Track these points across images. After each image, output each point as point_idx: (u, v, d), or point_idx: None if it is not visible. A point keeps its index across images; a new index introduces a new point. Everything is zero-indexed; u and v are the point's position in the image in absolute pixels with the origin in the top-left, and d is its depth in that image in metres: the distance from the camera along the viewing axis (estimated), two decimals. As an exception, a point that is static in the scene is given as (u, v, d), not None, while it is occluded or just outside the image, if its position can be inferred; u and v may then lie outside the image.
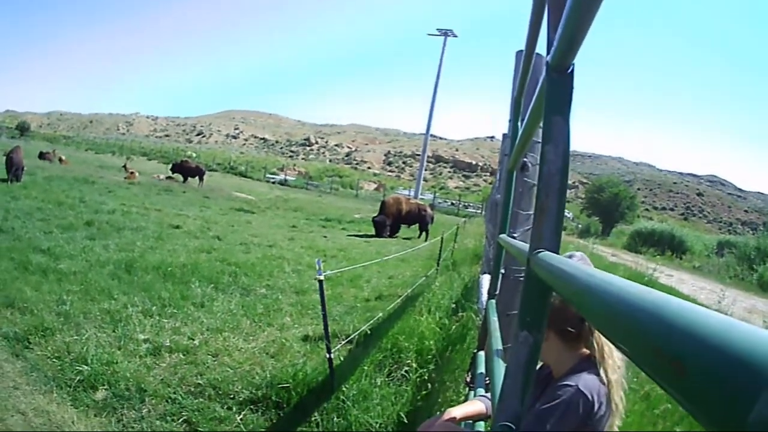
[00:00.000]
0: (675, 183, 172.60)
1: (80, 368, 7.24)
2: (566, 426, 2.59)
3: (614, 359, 2.80)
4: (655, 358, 0.53)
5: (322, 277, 7.24)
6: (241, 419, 6.65)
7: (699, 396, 0.45)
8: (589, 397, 2.64)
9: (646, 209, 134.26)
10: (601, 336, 2.77)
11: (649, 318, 0.58)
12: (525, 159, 4.64)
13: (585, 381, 2.69)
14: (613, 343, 0.71)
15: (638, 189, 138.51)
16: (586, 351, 2.87)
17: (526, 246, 1.83)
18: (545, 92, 1.58)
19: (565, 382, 2.71)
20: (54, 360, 7.54)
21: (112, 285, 10.80)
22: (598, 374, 2.76)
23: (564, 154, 1.53)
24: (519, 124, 3.91)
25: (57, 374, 7.19)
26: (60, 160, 45.24)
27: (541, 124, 1.63)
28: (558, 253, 1.50)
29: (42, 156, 44.44)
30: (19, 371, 7.20)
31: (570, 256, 4.46)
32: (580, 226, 65.21)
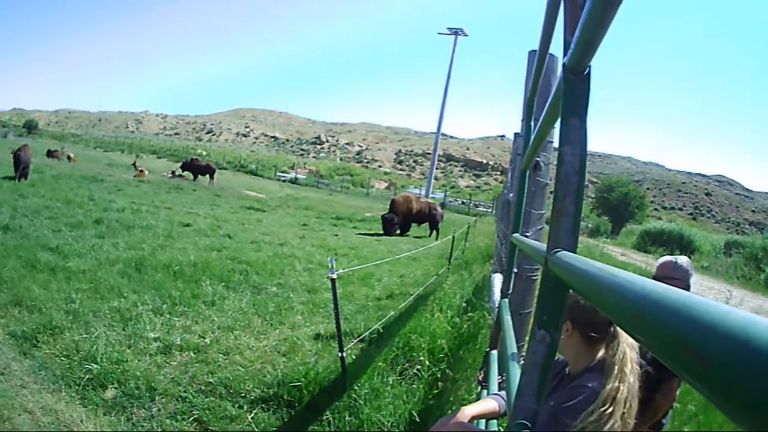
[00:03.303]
0: (684, 183, 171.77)
1: (89, 367, 7.23)
2: (582, 426, 2.58)
3: (630, 369, 2.76)
4: (681, 353, 0.55)
5: (334, 276, 7.24)
6: (252, 418, 6.64)
7: (724, 389, 0.47)
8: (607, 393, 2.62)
9: (656, 209, 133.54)
10: (620, 345, 2.77)
11: (673, 315, 0.59)
12: (538, 159, 4.68)
13: (601, 381, 2.69)
14: (636, 339, 0.73)
15: (647, 188, 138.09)
16: (603, 352, 2.87)
17: (541, 245, 1.89)
18: (562, 94, 1.57)
19: (582, 383, 2.74)
20: (62, 358, 7.52)
21: (121, 283, 10.79)
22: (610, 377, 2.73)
23: (581, 155, 1.54)
24: (532, 123, 3.91)
25: (65, 373, 7.18)
26: (68, 158, 45.27)
27: (557, 125, 1.66)
28: (575, 253, 1.49)
29: (50, 154, 44.53)
30: (27, 370, 7.19)
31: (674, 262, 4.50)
32: (590, 225, 64.70)
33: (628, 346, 2.78)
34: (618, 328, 2.81)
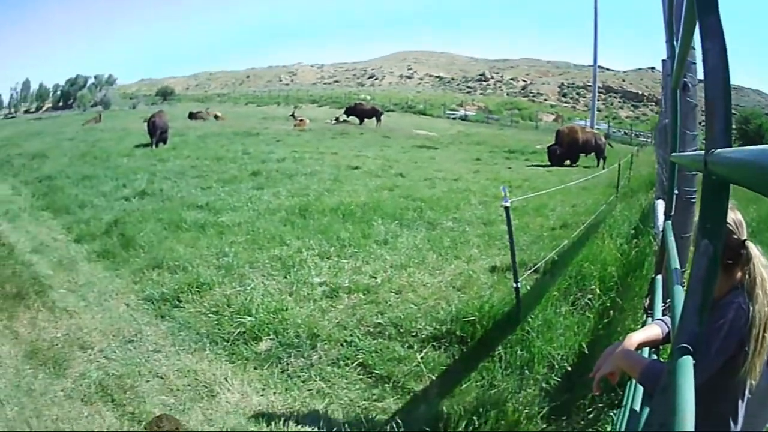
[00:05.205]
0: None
1: (242, 320, 7.19)
2: (731, 343, 2.57)
3: (766, 291, 2.69)
4: None
5: (508, 204, 7.18)
6: (421, 358, 6.51)
7: None
8: (750, 314, 2.62)
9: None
10: (755, 267, 2.71)
11: None
12: (685, 79, 4.83)
13: (745, 299, 2.65)
14: None
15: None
16: (739, 275, 2.75)
17: (699, 152, 1.92)
18: (694, -3, 1.56)
19: (730, 300, 2.66)
20: (210, 315, 7.54)
21: (283, 231, 10.91)
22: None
23: (722, 49, 1.45)
24: (675, 43, 3.84)
25: (212, 330, 7.19)
26: (215, 117, 46.00)
27: (696, 33, 1.65)
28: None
29: (192, 116, 45.10)
30: (164, 333, 7.19)
31: None
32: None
33: (762, 266, 2.74)
34: (751, 249, 2.75)
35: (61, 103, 76.55)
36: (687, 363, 1.57)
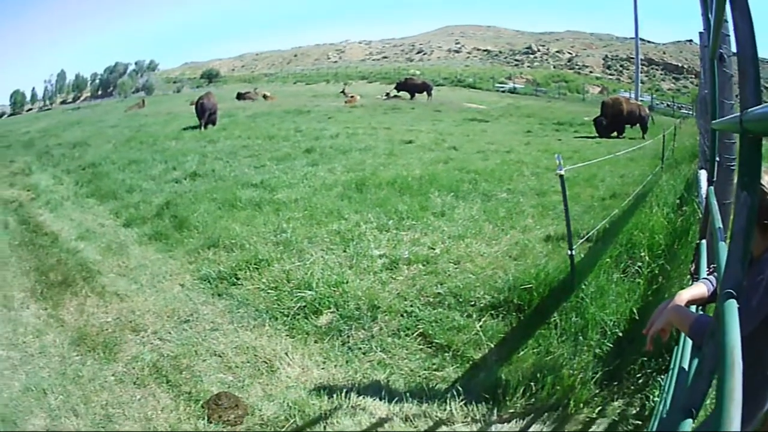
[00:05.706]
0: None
1: (302, 294, 7.30)
2: None
3: None
4: None
5: (562, 172, 7.33)
6: (480, 326, 6.59)
7: None
8: None
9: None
10: None
11: None
12: (721, 50, 4.89)
13: None
14: None
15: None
16: None
17: (736, 115, 1.91)
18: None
19: (764, 258, 2.72)
20: (269, 291, 7.63)
21: (341, 206, 11.04)
22: None
23: (749, 20, 1.60)
24: (709, 15, 3.90)
25: (271, 306, 7.29)
26: (264, 96, 45.60)
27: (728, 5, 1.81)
28: (760, 107, 1.53)
29: (240, 97, 44.72)
30: (221, 311, 7.29)
31: None
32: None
33: None
34: None
35: (100, 92, 75.95)
36: (732, 306, 1.65)
